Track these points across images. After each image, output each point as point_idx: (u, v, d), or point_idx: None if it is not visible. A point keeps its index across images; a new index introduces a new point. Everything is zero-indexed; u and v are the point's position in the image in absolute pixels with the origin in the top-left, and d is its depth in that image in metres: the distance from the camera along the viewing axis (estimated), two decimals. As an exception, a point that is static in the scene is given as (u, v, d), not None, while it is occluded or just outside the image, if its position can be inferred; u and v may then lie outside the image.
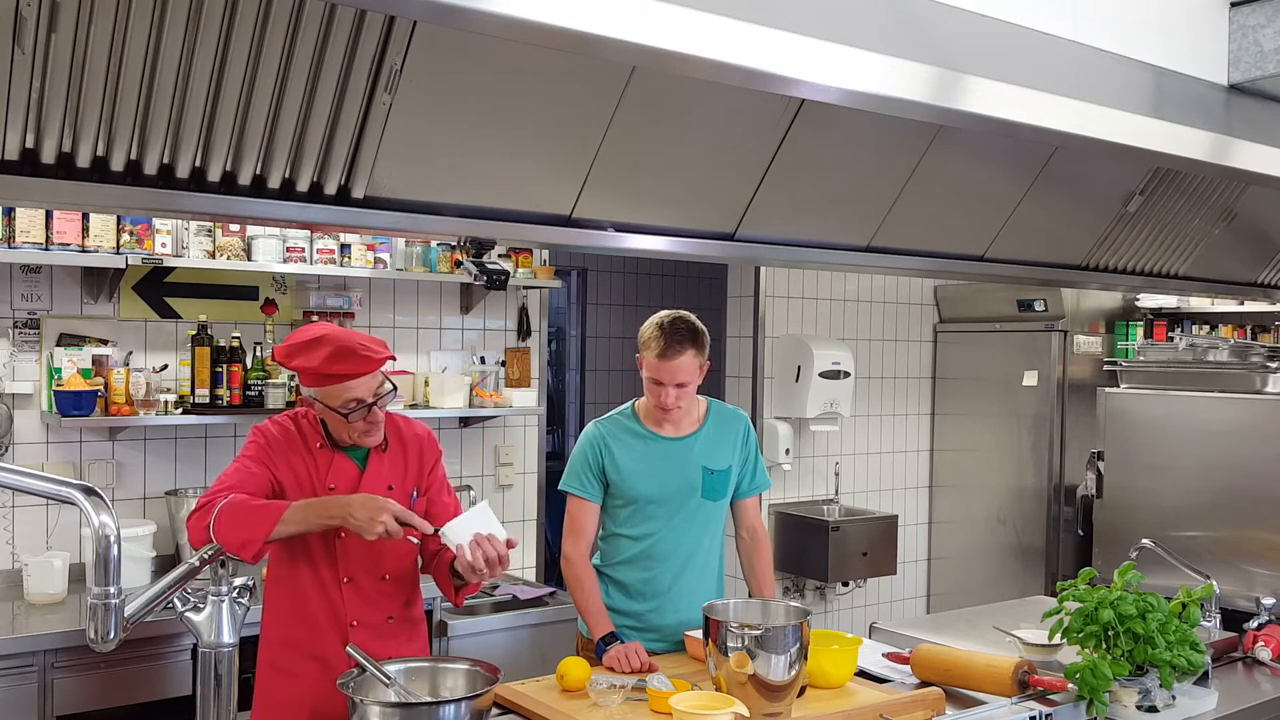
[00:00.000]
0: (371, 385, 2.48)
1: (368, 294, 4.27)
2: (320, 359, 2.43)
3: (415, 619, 2.68)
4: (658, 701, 2.35)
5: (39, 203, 2.85)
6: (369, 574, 2.54)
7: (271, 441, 2.56)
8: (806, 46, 1.80)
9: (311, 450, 2.57)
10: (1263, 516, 4.12)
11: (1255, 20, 2.94)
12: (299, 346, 2.47)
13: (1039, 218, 2.99)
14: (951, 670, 2.58)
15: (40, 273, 3.65)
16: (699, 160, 2.33)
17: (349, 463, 2.58)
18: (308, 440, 2.58)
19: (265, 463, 2.53)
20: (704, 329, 2.94)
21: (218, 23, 1.68)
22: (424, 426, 2.75)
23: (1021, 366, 5.47)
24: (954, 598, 5.55)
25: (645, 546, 2.95)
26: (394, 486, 2.59)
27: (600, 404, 6.41)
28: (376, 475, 2.58)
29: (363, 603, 2.54)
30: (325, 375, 2.43)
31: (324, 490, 2.53)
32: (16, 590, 3.47)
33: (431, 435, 2.74)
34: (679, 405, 2.90)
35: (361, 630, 2.51)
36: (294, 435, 2.58)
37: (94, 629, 1.58)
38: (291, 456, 2.55)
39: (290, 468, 2.54)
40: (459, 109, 1.97)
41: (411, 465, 2.65)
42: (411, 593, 2.66)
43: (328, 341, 2.45)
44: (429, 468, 2.69)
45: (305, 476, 2.54)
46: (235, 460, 2.57)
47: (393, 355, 2.55)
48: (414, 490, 2.64)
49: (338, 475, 2.55)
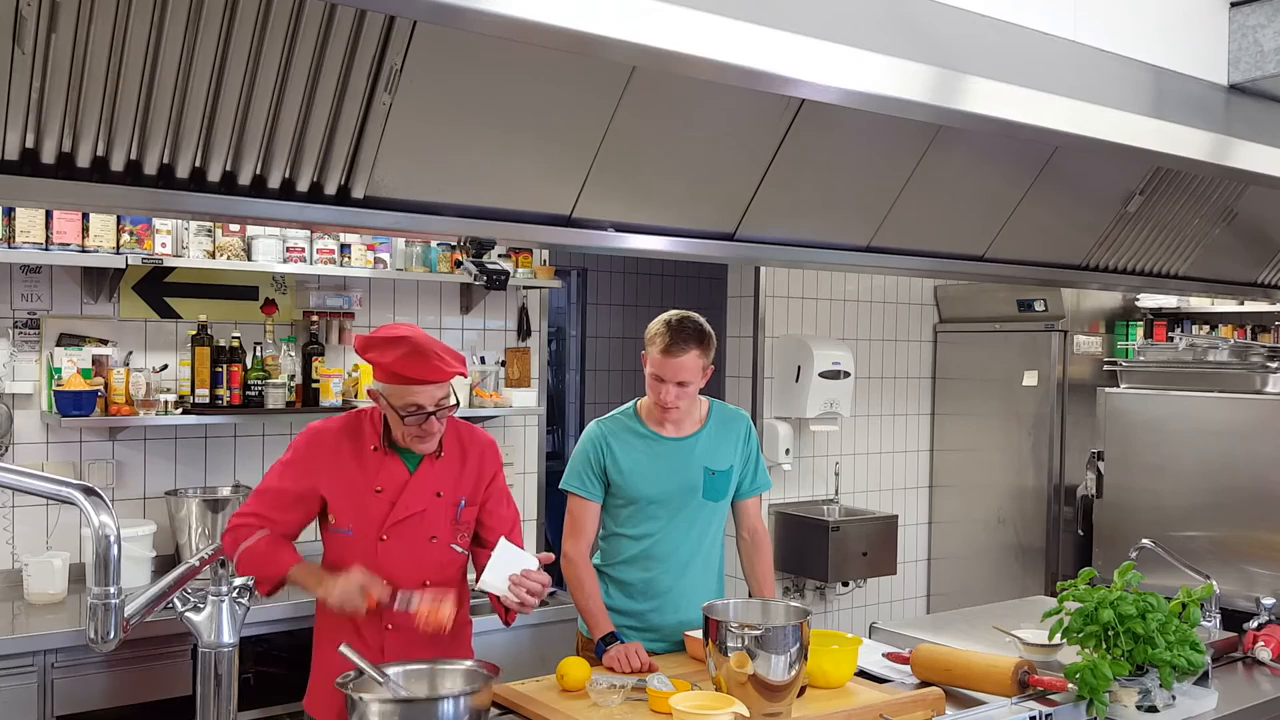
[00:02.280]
0: (436, 395, 2.51)
1: (368, 294, 4.27)
2: (394, 357, 2.48)
3: (457, 624, 2.63)
4: (658, 701, 2.35)
5: (39, 203, 2.85)
6: (409, 579, 2.55)
7: (317, 445, 2.62)
8: (806, 46, 1.80)
9: (363, 452, 2.60)
10: (1263, 516, 4.12)
11: (1255, 20, 2.94)
12: (378, 341, 2.53)
13: (1039, 218, 2.99)
14: (951, 670, 2.58)
15: (40, 273, 3.65)
16: (699, 160, 2.33)
17: (400, 465, 2.61)
18: (363, 441, 2.61)
19: (305, 472, 2.59)
20: (711, 332, 2.94)
21: (218, 23, 1.68)
22: (488, 435, 2.78)
23: (1021, 366, 5.47)
24: (954, 598, 5.55)
25: (646, 546, 2.95)
26: (442, 494, 2.62)
27: (600, 404, 6.41)
28: (424, 481, 2.61)
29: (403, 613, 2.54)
30: (394, 374, 2.48)
31: (370, 493, 2.57)
32: (16, 590, 3.47)
33: (494, 445, 2.77)
34: (678, 404, 2.90)
35: (397, 634, 2.54)
36: (345, 437, 2.62)
37: (94, 629, 1.58)
38: (339, 459, 2.59)
39: (336, 471, 2.58)
40: (459, 109, 1.97)
41: (469, 474, 2.67)
42: None
43: (407, 343, 2.50)
44: (488, 478, 2.71)
45: (352, 479, 2.58)
46: (277, 464, 2.64)
47: (465, 372, 2.59)
48: (463, 499, 2.66)
49: (386, 477, 2.59)
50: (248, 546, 2.51)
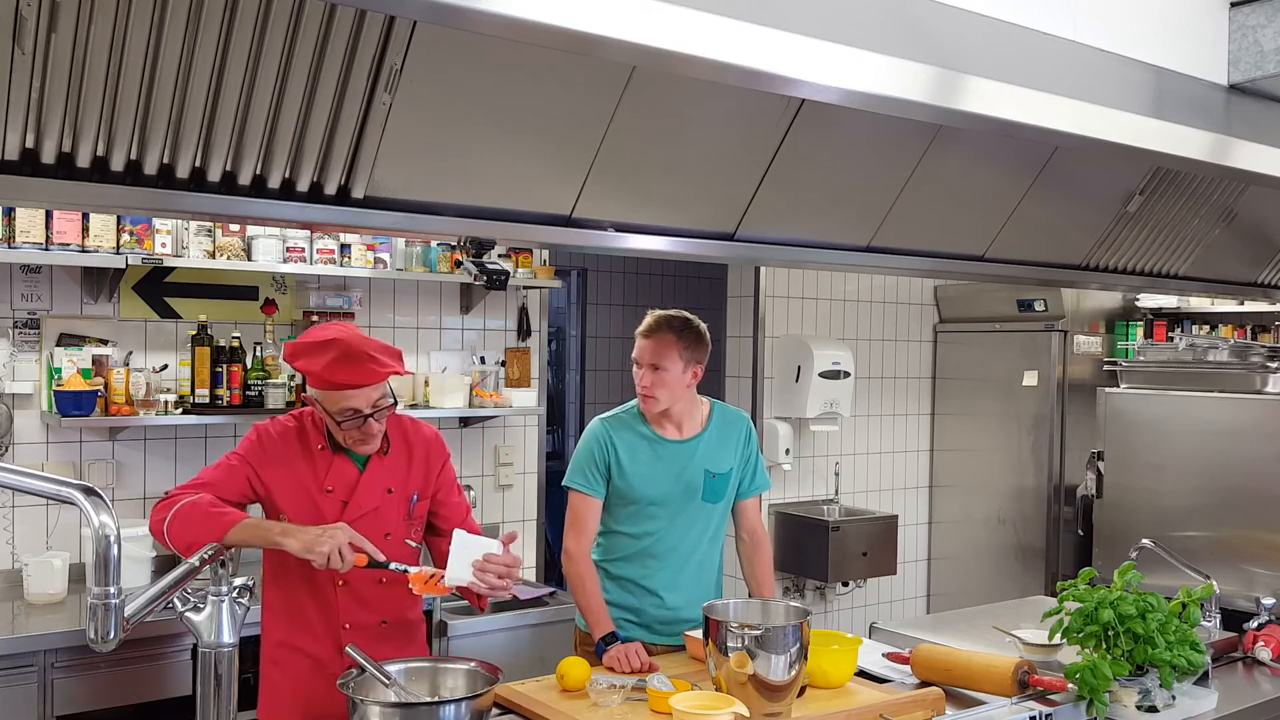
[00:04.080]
0: (371, 397, 2.45)
1: (368, 294, 4.27)
2: (323, 364, 2.41)
3: (412, 623, 2.65)
4: (658, 701, 2.35)
5: (39, 203, 2.85)
6: (365, 577, 2.51)
7: (266, 443, 2.54)
8: (806, 46, 1.80)
9: (311, 452, 2.55)
10: (1263, 516, 4.12)
11: (1255, 20, 2.94)
12: (306, 347, 2.46)
13: (1039, 218, 2.99)
14: (951, 670, 2.58)
15: (40, 273, 3.65)
16: (699, 160, 2.33)
17: (349, 465, 2.56)
18: (309, 441, 2.56)
19: (251, 464, 2.51)
20: (701, 330, 2.94)
21: (218, 23, 1.68)
22: (431, 429, 2.73)
23: (1021, 366, 5.47)
24: (954, 598, 5.55)
25: (644, 545, 2.96)
26: (393, 490, 2.58)
27: (600, 404, 6.40)
28: (375, 478, 2.57)
29: (357, 606, 2.53)
30: (325, 380, 2.42)
31: (321, 493, 2.52)
32: (16, 590, 3.47)
33: (439, 437, 2.73)
34: (653, 391, 2.90)
35: (354, 633, 2.49)
36: (293, 437, 2.56)
37: (94, 629, 1.57)
38: (288, 458, 2.53)
39: (285, 470, 2.52)
40: (459, 109, 1.97)
41: (416, 468, 2.63)
42: (410, 598, 2.57)
43: (336, 346, 2.42)
44: (436, 470, 2.67)
45: (302, 479, 2.52)
46: (221, 460, 2.56)
47: (401, 370, 2.51)
48: (415, 494, 2.62)
49: (336, 477, 2.54)
50: (188, 502, 2.37)
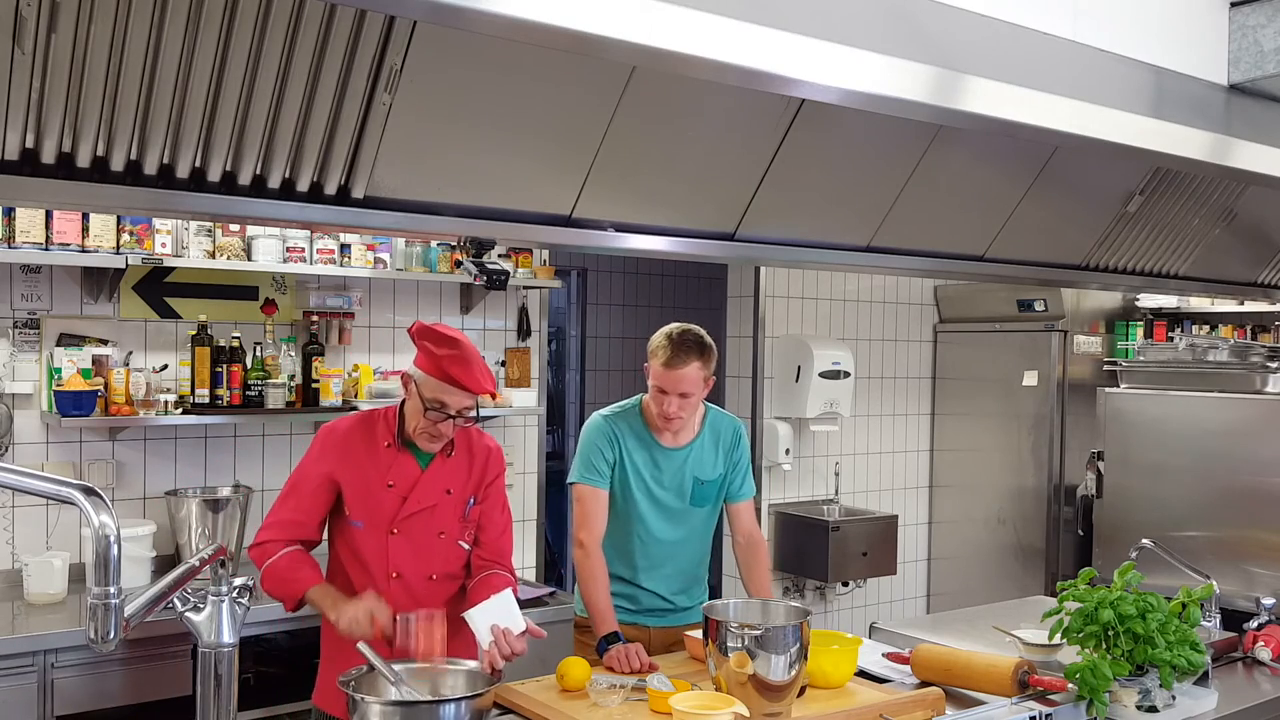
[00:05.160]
0: (464, 402, 2.58)
1: (368, 294, 4.27)
2: (445, 352, 2.55)
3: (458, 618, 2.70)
4: (658, 701, 2.35)
5: (39, 203, 2.85)
6: (417, 572, 2.64)
7: (332, 442, 2.68)
8: (806, 46, 1.80)
9: (377, 448, 2.66)
10: (1263, 516, 4.12)
11: (1255, 20, 2.94)
12: (435, 334, 2.59)
13: (1039, 218, 2.99)
14: (951, 670, 2.58)
15: (40, 273, 3.64)
16: (699, 160, 2.33)
17: (412, 462, 2.67)
18: (376, 438, 2.67)
19: (324, 469, 2.65)
20: (712, 344, 2.97)
21: (218, 23, 1.68)
22: (494, 440, 2.85)
23: (1021, 366, 5.47)
24: (954, 598, 5.55)
25: (631, 531, 3.01)
26: (451, 491, 2.69)
27: (600, 404, 6.36)
28: (436, 477, 2.68)
29: (409, 599, 2.59)
30: (439, 368, 2.54)
31: (383, 487, 2.63)
32: (16, 590, 3.47)
33: (499, 450, 2.83)
34: (681, 415, 2.93)
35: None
36: (358, 433, 2.68)
37: (94, 629, 1.57)
38: (353, 453, 2.65)
39: (351, 464, 2.64)
40: (459, 109, 1.97)
41: (475, 474, 2.74)
42: (458, 594, 2.72)
43: (460, 346, 2.57)
44: (490, 480, 2.78)
45: (365, 472, 2.64)
46: (298, 468, 2.71)
47: (496, 394, 2.67)
48: (471, 498, 2.73)
49: (398, 473, 2.65)
50: (270, 564, 2.61)
